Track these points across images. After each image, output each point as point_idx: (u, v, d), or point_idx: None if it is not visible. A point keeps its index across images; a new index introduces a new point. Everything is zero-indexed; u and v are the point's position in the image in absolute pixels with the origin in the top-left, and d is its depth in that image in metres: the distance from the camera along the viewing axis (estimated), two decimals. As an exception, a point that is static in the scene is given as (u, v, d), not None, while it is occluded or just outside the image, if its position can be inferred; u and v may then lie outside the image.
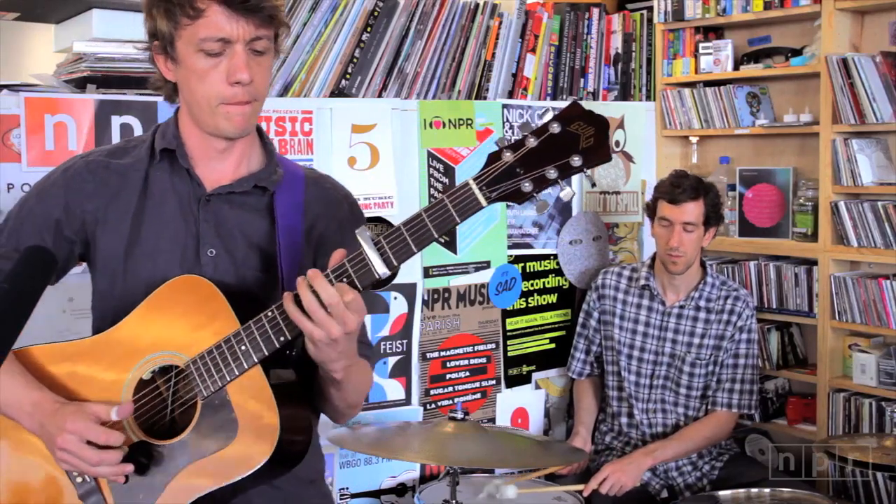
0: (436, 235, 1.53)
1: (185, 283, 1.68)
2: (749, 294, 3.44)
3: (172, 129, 1.79)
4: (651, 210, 3.41)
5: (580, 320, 3.61)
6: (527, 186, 1.49)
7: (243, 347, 1.60)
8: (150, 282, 1.71)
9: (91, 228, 1.78)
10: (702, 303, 3.37)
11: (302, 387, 1.72)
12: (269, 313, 1.59)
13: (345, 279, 1.54)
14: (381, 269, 1.53)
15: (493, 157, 1.51)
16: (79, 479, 1.71)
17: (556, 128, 1.49)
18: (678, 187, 3.27)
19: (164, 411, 1.71)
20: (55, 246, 1.77)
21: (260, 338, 1.60)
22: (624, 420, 3.45)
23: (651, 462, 3.22)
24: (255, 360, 1.60)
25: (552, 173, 1.49)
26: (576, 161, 1.49)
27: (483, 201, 1.50)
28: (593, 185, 3.78)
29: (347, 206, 1.92)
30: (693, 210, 3.26)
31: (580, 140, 1.49)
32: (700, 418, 3.37)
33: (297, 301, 1.55)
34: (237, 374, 1.62)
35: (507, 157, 1.49)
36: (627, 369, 3.42)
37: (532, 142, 1.49)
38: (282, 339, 1.59)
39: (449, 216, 1.51)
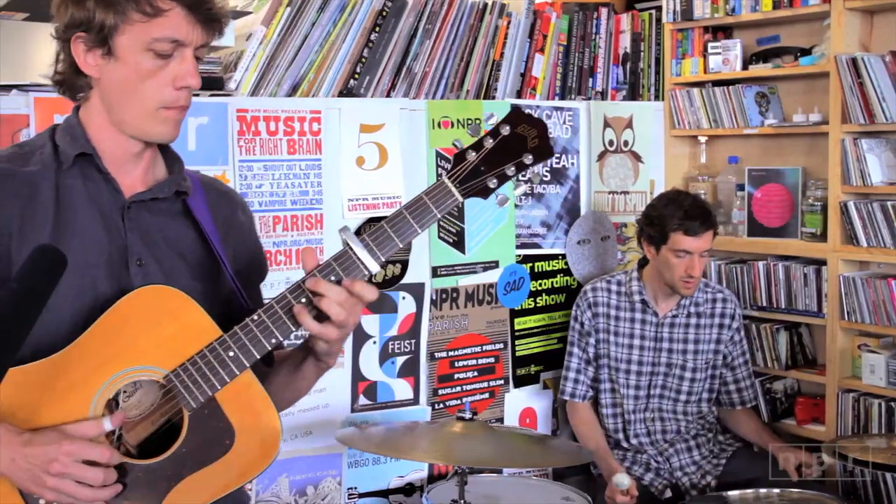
0: (419, 231, 1.62)
1: (151, 293, 1.60)
2: (731, 292, 3.51)
3: (81, 132, 1.65)
4: (656, 239, 3.27)
5: (574, 339, 3.50)
6: (492, 183, 1.64)
7: (231, 353, 1.58)
8: (79, 298, 1.59)
9: (5, 244, 1.59)
10: (692, 308, 3.38)
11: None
12: (256, 317, 1.60)
13: (332, 277, 1.59)
14: (371, 265, 1.60)
15: (459, 157, 1.64)
16: None
17: (506, 130, 1.64)
18: (694, 219, 3.20)
19: (145, 429, 1.65)
20: None
21: (249, 342, 1.59)
22: (620, 436, 3.44)
23: None
24: (247, 365, 1.60)
25: (511, 170, 1.64)
26: (528, 159, 1.65)
27: (459, 196, 1.63)
28: (537, 180, 3.70)
29: (241, 206, 1.90)
30: (709, 237, 3.25)
31: (527, 140, 1.65)
32: (705, 415, 3.44)
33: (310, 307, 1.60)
34: (228, 380, 1.59)
35: (472, 156, 1.63)
36: (626, 384, 3.41)
37: (490, 142, 1.64)
38: (273, 341, 1.60)
39: (428, 211, 1.62)
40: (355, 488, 3.28)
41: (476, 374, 3.54)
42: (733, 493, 2.93)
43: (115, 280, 1.63)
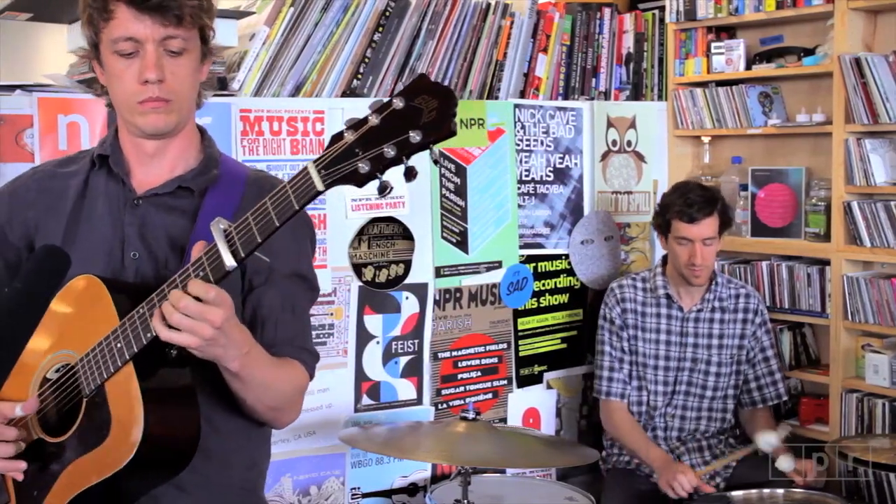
0: (277, 224, 1.45)
1: (80, 283, 1.69)
2: (754, 289, 3.51)
3: (111, 136, 1.82)
4: (662, 228, 3.35)
5: (605, 338, 3.46)
6: (364, 167, 1.39)
7: (118, 345, 1.58)
8: None
9: (32, 234, 1.81)
10: (716, 303, 3.38)
11: (192, 388, 1.66)
12: (140, 310, 1.56)
13: (201, 273, 1.51)
14: (228, 262, 1.47)
15: (335, 138, 1.41)
16: None
17: (399, 103, 1.38)
18: (692, 205, 3.22)
19: (60, 408, 1.70)
20: (4, 250, 1.83)
21: (131, 335, 1.57)
22: None
23: None
24: (128, 357, 1.57)
25: (390, 151, 1.37)
26: (415, 137, 1.36)
27: (319, 185, 1.41)
28: (436, 162, 3.77)
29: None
30: (710, 224, 3.25)
31: (422, 114, 1.36)
32: (728, 415, 3.43)
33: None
34: (112, 371, 1.60)
35: (348, 136, 1.40)
36: (654, 380, 3.40)
37: (374, 119, 1.39)
38: (149, 335, 1.55)
39: (288, 203, 1.43)
40: (359, 488, 3.28)
41: (479, 374, 3.54)
42: (737, 493, 2.92)
43: (112, 270, 1.75)
